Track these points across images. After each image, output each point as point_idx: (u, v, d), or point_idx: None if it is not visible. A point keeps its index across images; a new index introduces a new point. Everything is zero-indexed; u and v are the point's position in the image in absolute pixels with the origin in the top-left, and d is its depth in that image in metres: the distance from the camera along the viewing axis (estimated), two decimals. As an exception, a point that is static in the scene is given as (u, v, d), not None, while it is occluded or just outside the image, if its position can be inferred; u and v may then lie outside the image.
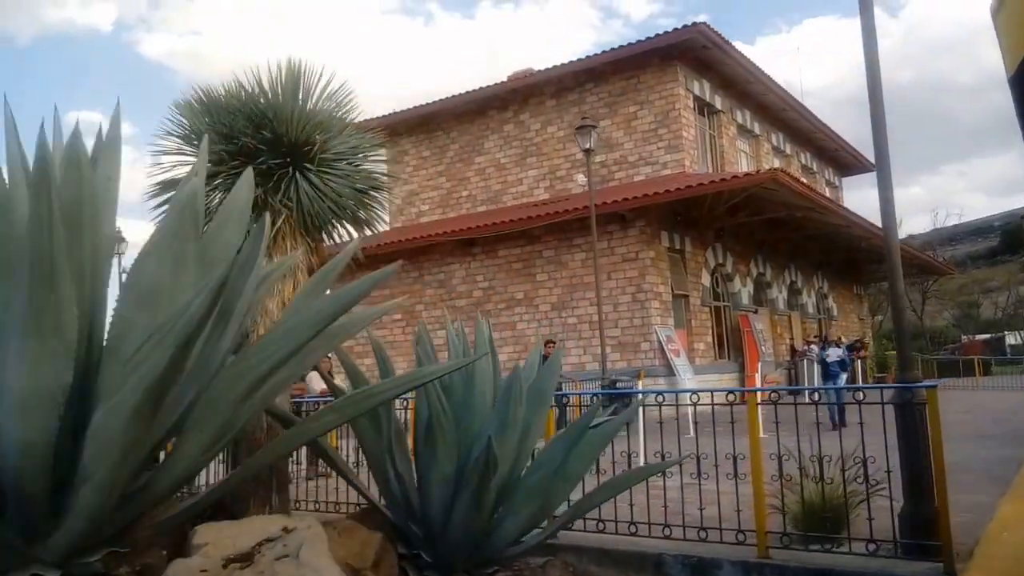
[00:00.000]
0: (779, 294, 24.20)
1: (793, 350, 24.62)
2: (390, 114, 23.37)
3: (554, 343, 15.76)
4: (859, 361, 24.66)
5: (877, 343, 36.37)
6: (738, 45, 22.38)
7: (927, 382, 5.37)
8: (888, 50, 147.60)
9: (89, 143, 3.01)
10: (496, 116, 22.58)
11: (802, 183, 16.84)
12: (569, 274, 18.65)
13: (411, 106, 23.13)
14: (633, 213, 17.74)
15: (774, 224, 22.49)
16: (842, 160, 31.54)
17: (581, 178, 18.88)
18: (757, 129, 24.47)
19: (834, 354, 13.95)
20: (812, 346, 24.01)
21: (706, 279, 20.00)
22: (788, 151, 26.94)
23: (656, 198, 16.60)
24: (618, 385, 15.23)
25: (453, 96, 22.41)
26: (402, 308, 20.82)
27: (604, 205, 16.91)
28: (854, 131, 40.09)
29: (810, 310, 26.51)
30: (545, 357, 14.97)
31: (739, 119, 23.28)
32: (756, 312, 22.37)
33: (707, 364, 19.36)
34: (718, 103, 22.06)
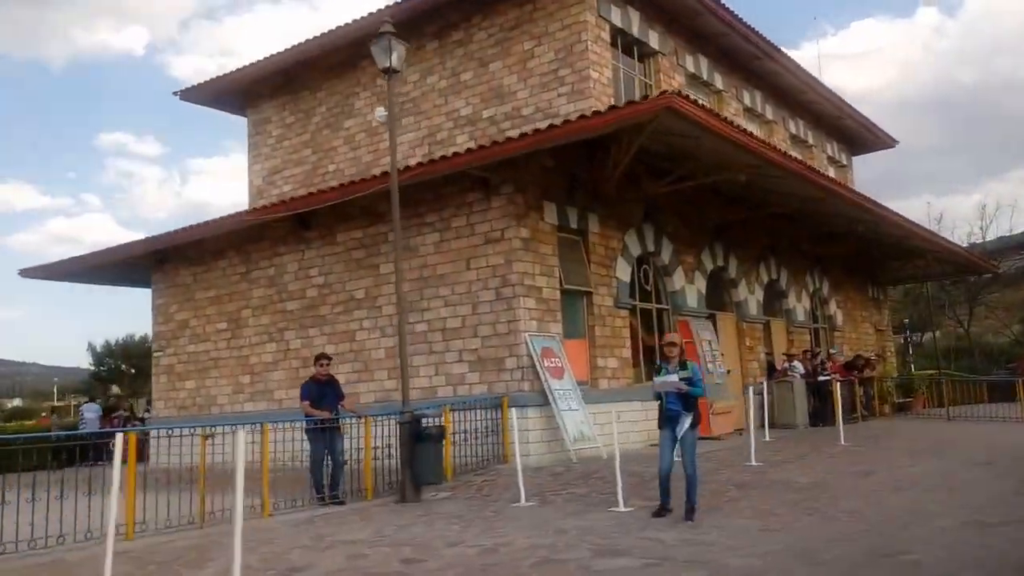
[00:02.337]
0: (750, 295, 18.52)
1: (771, 368, 18.94)
2: (245, 67, 18.52)
3: (329, 360, 10.56)
4: (858, 384, 18.92)
5: (901, 360, 30.28)
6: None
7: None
8: (947, 50, 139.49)
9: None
10: (368, 68, 17.40)
11: (721, 118, 11.29)
12: (419, 263, 13.43)
13: (269, 55, 18.15)
14: (499, 176, 12.50)
15: (731, 200, 16.95)
16: (849, 132, 25.60)
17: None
18: (719, 82, 18.88)
19: (670, 381, 7.64)
20: (795, 362, 18.38)
21: (624, 271, 14.53)
22: (770, 115, 21.24)
23: (500, 150, 11.30)
24: (424, 423, 10.02)
25: (315, 37, 17.41)
26: (227, 315, 15.83)
27: (429, 165, 11.69)
28: (916, 141, 33.98)
29: (800, 316, 20.71)
30: (317, 380, 9.76)
31: (689, 66, 17.77)
32: (709, 318, 16.79)
33: (622, 388, 13.89)
34: (654, 41, 16.64)
